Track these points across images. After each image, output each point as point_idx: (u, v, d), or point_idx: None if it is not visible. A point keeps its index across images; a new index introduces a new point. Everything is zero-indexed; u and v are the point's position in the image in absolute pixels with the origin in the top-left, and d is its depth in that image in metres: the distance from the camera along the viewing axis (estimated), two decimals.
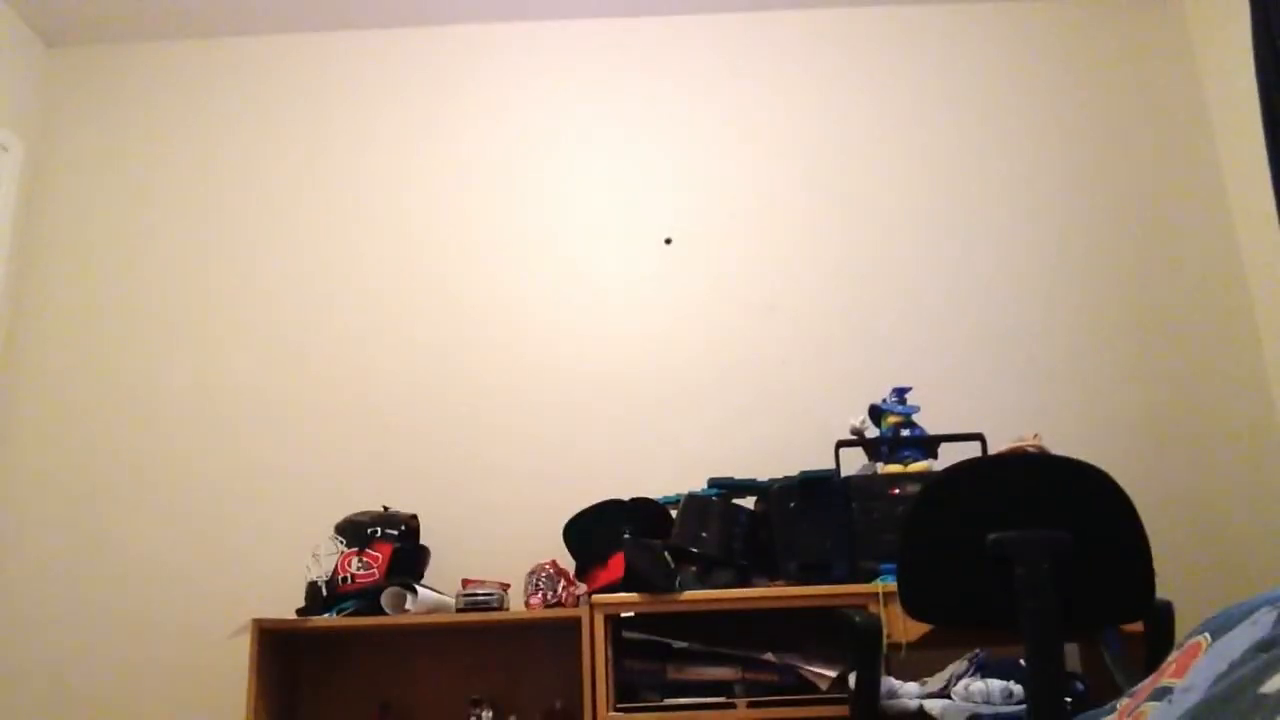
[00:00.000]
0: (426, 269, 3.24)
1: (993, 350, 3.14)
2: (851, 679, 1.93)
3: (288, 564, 2.95)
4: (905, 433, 2.77)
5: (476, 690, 2.81)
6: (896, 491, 2.55)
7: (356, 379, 3.14)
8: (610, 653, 2.43)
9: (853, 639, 1.90)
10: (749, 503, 2.73)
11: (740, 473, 2.80)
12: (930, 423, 2.81)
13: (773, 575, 2.57)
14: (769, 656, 2.49)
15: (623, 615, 2.48)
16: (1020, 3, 3.44)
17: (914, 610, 1.79)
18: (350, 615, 2.58)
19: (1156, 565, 1.73)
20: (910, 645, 2.29)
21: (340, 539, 2.74)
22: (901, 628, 2.29)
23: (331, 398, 3.13)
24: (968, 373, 3.11)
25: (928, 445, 2.75)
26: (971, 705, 2.05)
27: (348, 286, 3.25)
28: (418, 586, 2.57)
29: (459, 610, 2.56)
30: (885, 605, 2.33)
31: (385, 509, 2.83)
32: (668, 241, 3.27)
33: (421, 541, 2.83)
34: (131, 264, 3.28)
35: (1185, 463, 3.02)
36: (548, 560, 2.70)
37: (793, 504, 2.58)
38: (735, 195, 3.30)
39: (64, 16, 3.34)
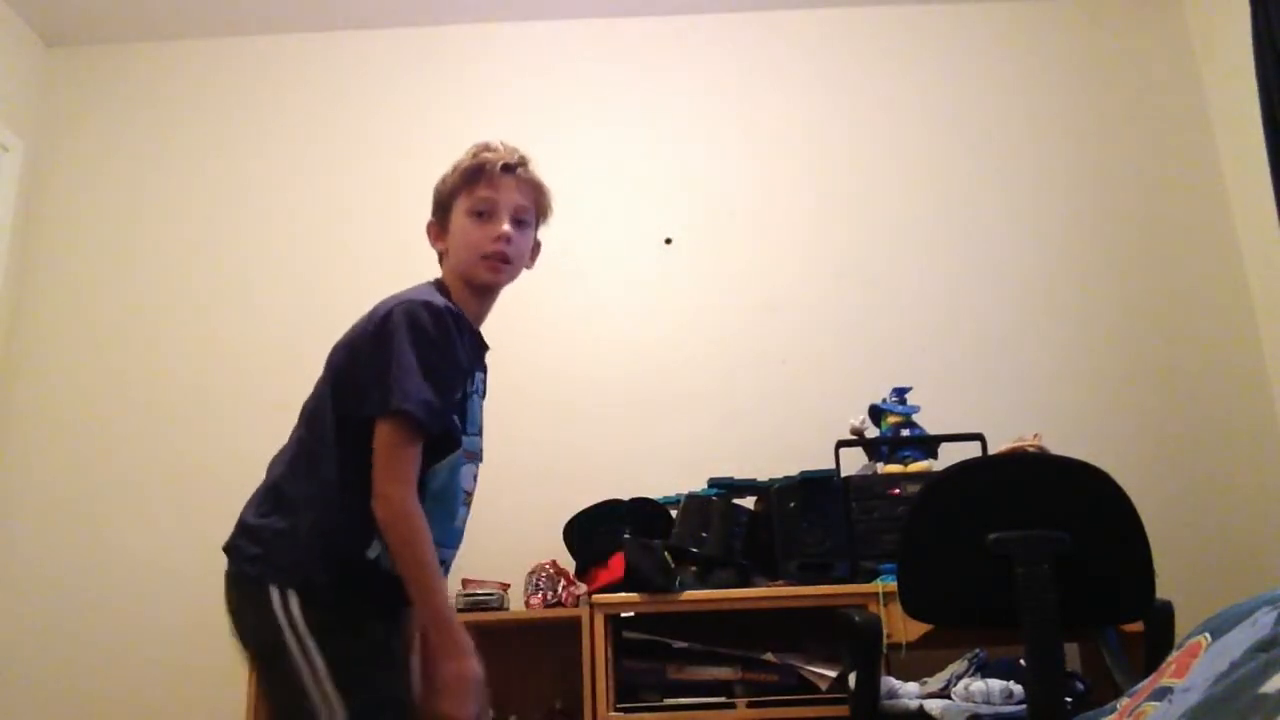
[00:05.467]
0: (426, 268, 3.22)
1: (993, 350, 3.13)
2: (851, 679, 1.93)
3: None
4: (905, 433, 2.77)
5: None
6: (896, 491, 2.55)
7: None
8: (610, 653, 2.42)
9: (853, 639, 1.91)
10: (749, 503, 2.73)
11: (740, 473, 2.79)
12: (930, 423, 2.81)
13: (773, 575, 2.56)
14: (769, 656, 2.49)
15: (623, 615, 2.48)
16: (1021, 3, 3.44)
17: (914, 610, 1.79)
18: None
19: (1156, 565, 1.72)
20: (910, 645, 2.29)
21: None
22: (901, 628, 2.28)
23: None
24: (968, 373, 3.10)
25: (928, 445, 2.75)
26: (971, 705, 2.05)
27: (347, 285, 3.24)
28: None
29: (459, 610, 2.56)
30: (885, 605, 2.33)
31: None
32: (668, 241, 3.27)
33: None
34: (131, 263, 3.27)
35: (1185, 463, 3.02)
36: (548, 560, 2.69)
37: (793, 504, 2.57)
38: (735, 195, 3.30)
39: (64, 16, 3.34)
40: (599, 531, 2.67)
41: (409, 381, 1.41)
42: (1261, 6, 2.76)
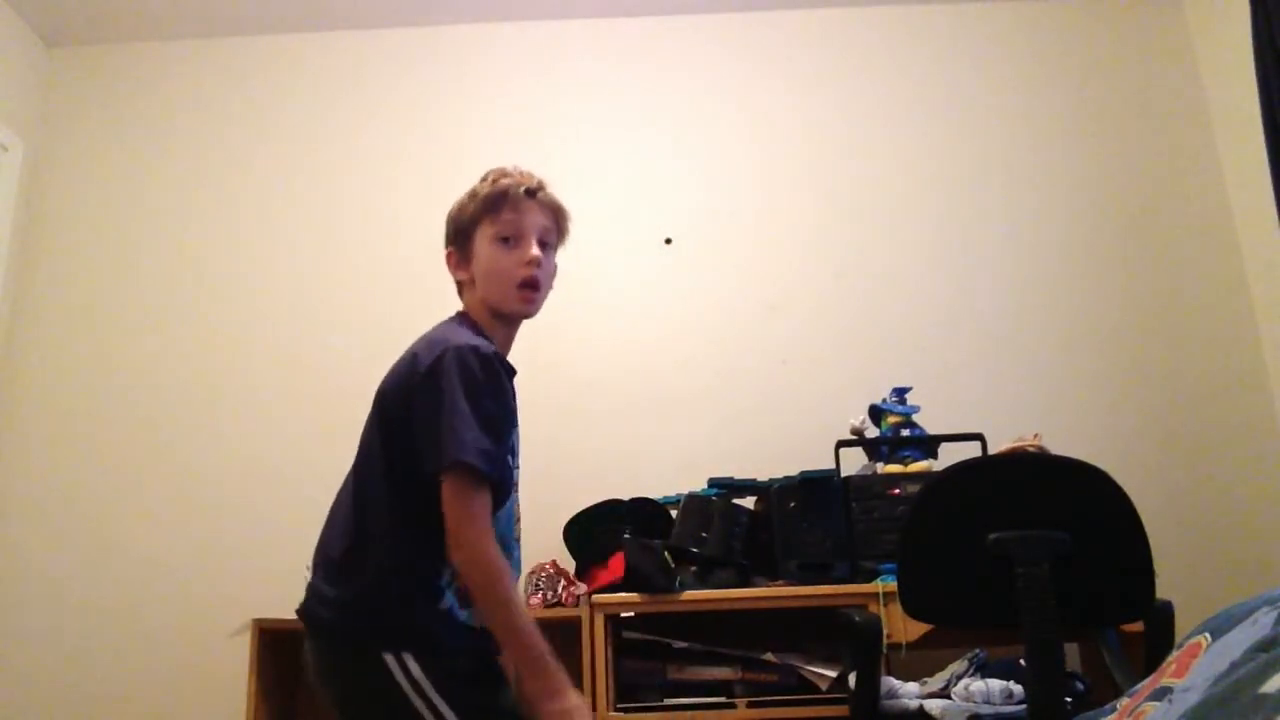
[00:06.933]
0: (425, 268, 3.22)
1: (993, 350, 3.13)
2: (851, 679, 1.93)
3: (288, 564, 2.94)
4: (905, 433, 2.77)
5: None
6: (896, 491, 2.55)
7: (356, 378, 3.12)
8: (610, 653, 2.42)
9: (853, 639, 1.90)
10: (749, 503, 2.73)
11: (740, 473, 2.79)
12: (930, 423, 2.81)
13: (773, 575, 2.57)
14: (769, 656, 2.49)
15: (623, 615, 2.48)
16: (1021, 3, 3.44)
17: (914, 610, 1.79)
18: None
19: (1156, 565, 1.72)
20: (910, 645, 2.29)
21: None
22: (901, 628, 2.28)
23: (331, 397, 3.12)
24: (968, 373, 3.10)
25: (928, 445, 2.75)
26: (971, 705, 2.05)
27: (347, 285, 3.24)
28: None
29: None
30: (885, 605, 2.33)
31: None
32: (668, 241, 3.27)
33: None
34: (131, 263, 3.27)
35: (1185, 463, 3.02)
36: (548, 560, 2.69)
37: (793, 504, 2.57)
38: (736, 195, 3.30)
39: (64, 16, 3.34)
40: (599, 531, 2.67)
41: (466, 431, 1.38)
42: (1261, 6, 2.76)
